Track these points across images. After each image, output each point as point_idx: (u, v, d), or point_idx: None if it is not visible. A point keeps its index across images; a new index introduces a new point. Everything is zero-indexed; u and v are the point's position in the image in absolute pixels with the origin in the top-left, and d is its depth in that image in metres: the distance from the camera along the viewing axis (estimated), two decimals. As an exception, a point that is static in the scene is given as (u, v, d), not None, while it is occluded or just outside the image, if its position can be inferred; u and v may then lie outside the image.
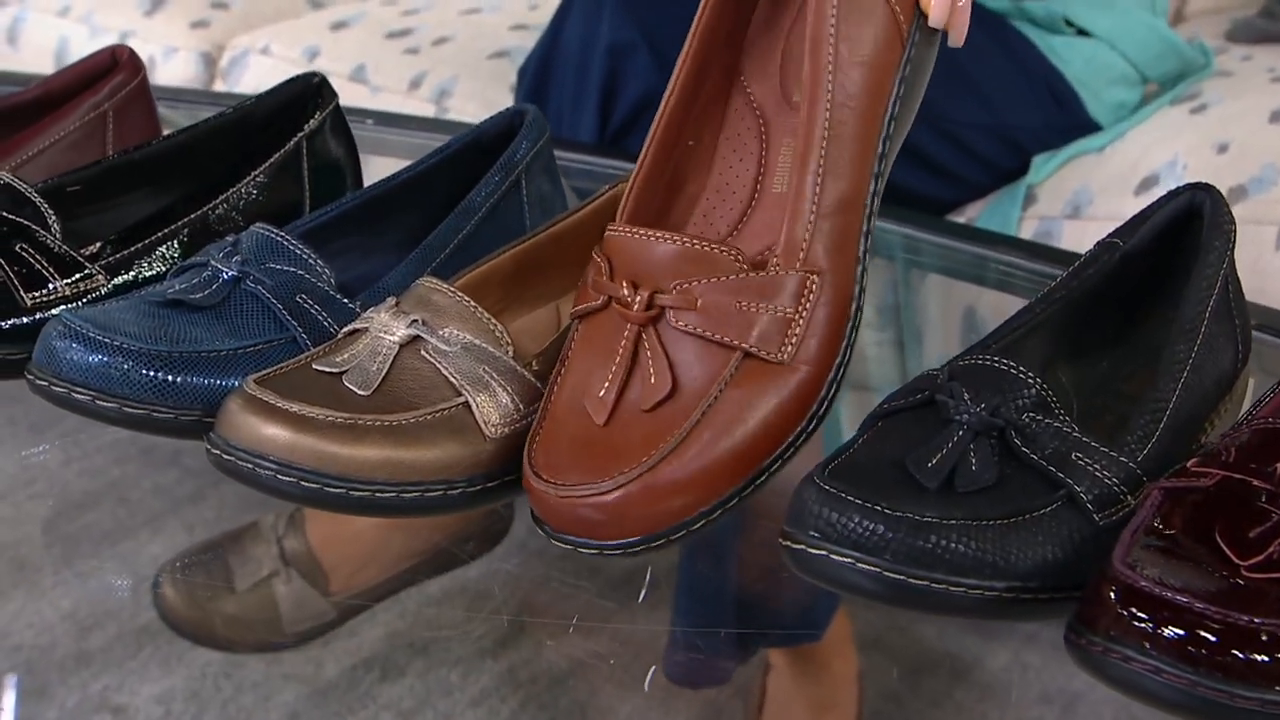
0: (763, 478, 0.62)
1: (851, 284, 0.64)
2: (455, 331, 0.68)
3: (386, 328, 0.68)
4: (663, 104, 0.68)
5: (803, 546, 0.57)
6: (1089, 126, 1.33)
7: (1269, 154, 1.28)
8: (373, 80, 1.71)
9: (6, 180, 0.79)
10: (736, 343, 0.62)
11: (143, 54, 0.96)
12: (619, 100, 1.13)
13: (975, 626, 0.73)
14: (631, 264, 0.64)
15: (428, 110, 1.66)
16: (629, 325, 0.63)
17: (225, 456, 0.64)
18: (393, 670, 1.00)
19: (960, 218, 1.37)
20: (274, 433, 0.63)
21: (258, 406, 0.64)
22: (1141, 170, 1.28)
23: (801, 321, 0.62)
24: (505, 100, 1.66)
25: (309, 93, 0.89)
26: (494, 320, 0.69)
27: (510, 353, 0.68)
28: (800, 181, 0.63)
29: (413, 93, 1.68)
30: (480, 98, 1.65)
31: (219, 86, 1.83)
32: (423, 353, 0.67)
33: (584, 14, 1.16)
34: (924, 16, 0.67)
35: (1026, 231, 1.33)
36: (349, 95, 0.92)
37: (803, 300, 0.62)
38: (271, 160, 0.85)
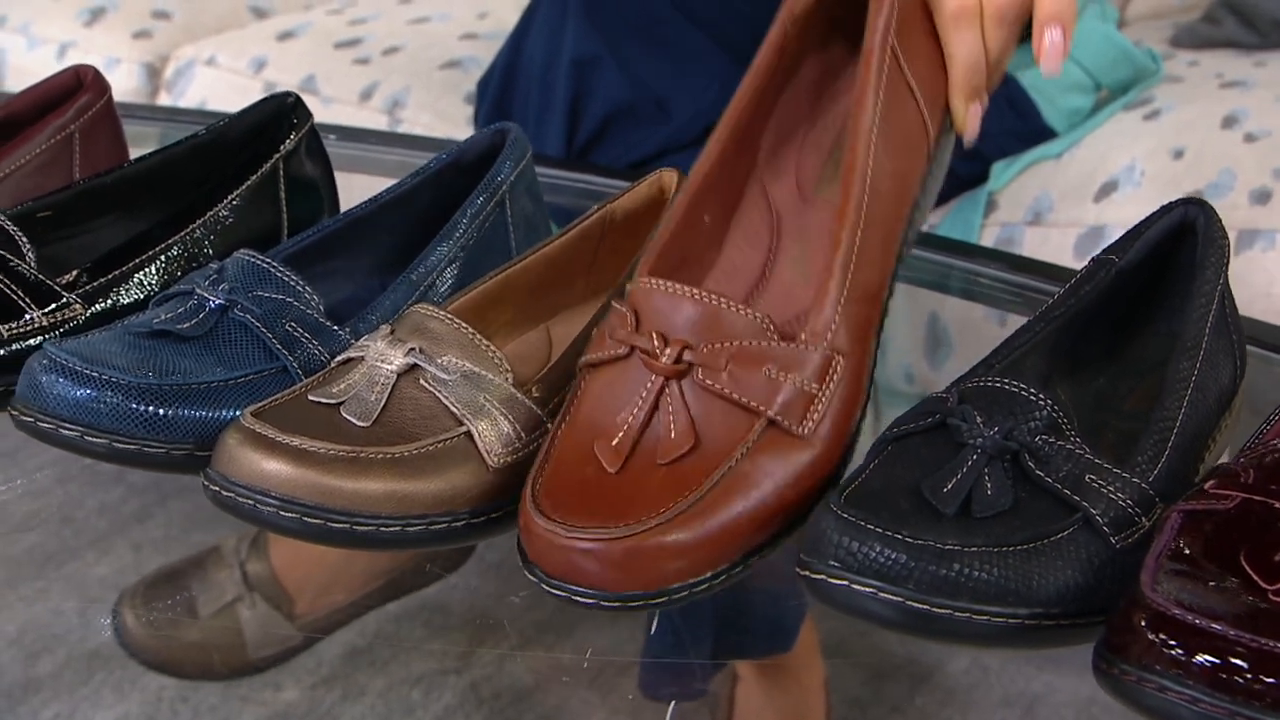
0: (767, 549, 0.62)
1: (865, 370, 0.65)
2: (454, 359, 0.67)
3: (383, 356, 0.67)
4: (695, 170, 0.68)
5: (822, 576, 0.56)
6: (1045, 133, 1.34)
7: (1224, 159, 1.29)
8: (323, 91, 1.69)
9: (-21, 209, 0.77)
10: (761, 409, 0.61)
11: (83, 66, 0.94)
12: (585, 114, 1.13)
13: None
14: (660, 318, 0.63)
15: (380, 121, 1.65)
16: (653, 377, 0.62)
17: (224, 493, 0.63)
18: (353, 690, 0.99)
19: (923, 226, 1.38)
20: (275, 468, 0.62)
21: (257, 441, 0.62)
22: (1100, 176, 1.29)
23: (824, 400, 0.62)
24: (459, 111, 1.65)
25: (283, 113, 0.88)
26: (492, 347, 0.68)
27: (510, 380, 0.67)
28: (832, 266, 0.64)
29: (364, 103, 1.66)
30: (433, 108, 1.64)
31: (163, 99, 1.80)
32: (421, 382, 0.66)
33: (547, 26, 1.15)
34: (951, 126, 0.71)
35: (988, 238, 1.34)
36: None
37: (827, 379, 0.62)
38: (248, 183, 0.83)
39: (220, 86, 1.76)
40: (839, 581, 0.56)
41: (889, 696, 1.06)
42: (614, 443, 0.61)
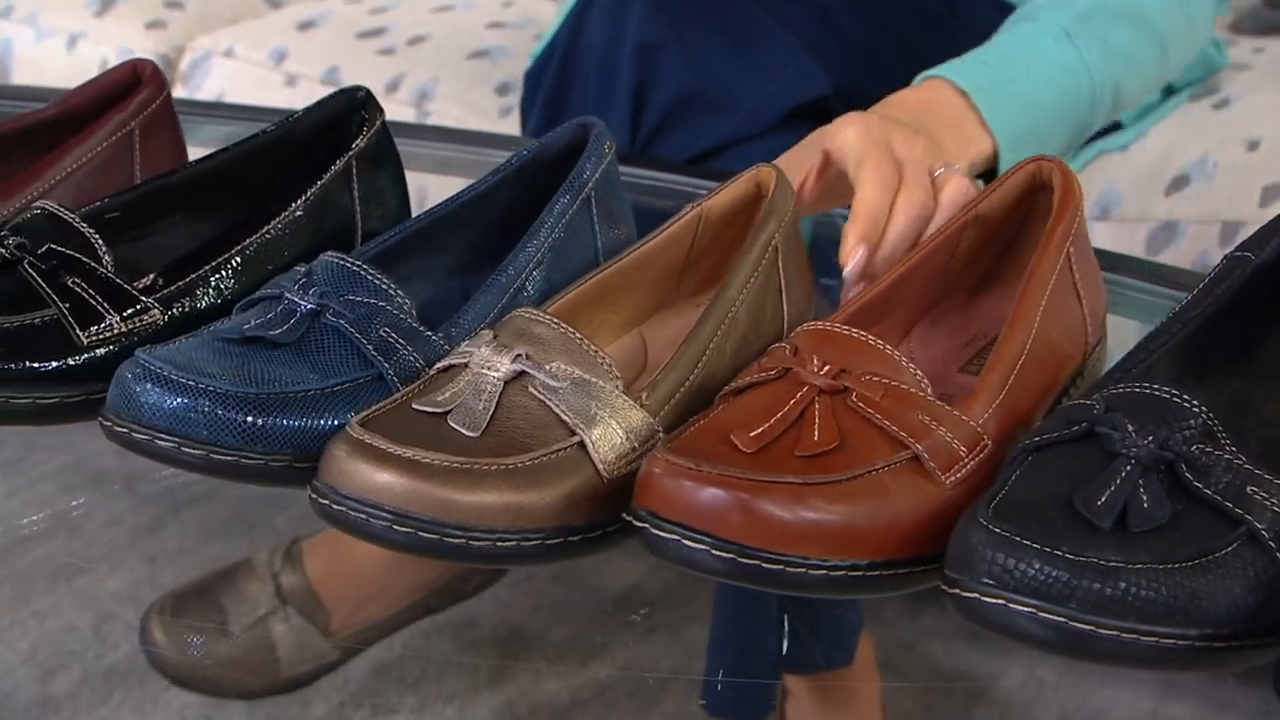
0: (890, 580, 0.59)
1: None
2: (563, 366, 0.64)
3: (488, 363, 0.64)
4: (846, 310, 0.69)
5: (975, 595, 0.54)
6: (1110, 125, 1.31)
7: (1304, 149, 1.25)
8: (347, 83, 1.65)
9: (51, 209, 0.73)
10: (910, 441, 0.60)
11: (95, 57, 0.89)
12: (650, 102, 1.09)
13: (986, 642, 0.71)
14: (823, 348, 0.63)
15: (408, 114, 1.61)
16: (804, 389, 0.61)
17: (335, 506, 0.60)
18: (383, 708, 0.97)
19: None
20: (388, 480, 0.59)
21: (368, 452, 0.59)
22: (1170, 170, 1.26)
23: (969, 468, 0.61)
24: (489, 103, 1.62)
25: (353, 108, 0.85)
26: (602, 353, 0.65)
27: (620, 386, 0.64)
28: (993, 373, 0.64)
29: (391, 95, 1.63)
30: (462, 100, 1.60)
31: (180, 91, 1.76)
32: (531, 389, 0.63)
33: (609, 12, 1.12)
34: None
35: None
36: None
37: (975, 451, 0.61)
38: (321, 182, 0.80)
39: (240, 79, 1.72)
40: (994, 600, 0.53)
41: (943, 713, 1.03)
42: (753, 433, 0.59)
